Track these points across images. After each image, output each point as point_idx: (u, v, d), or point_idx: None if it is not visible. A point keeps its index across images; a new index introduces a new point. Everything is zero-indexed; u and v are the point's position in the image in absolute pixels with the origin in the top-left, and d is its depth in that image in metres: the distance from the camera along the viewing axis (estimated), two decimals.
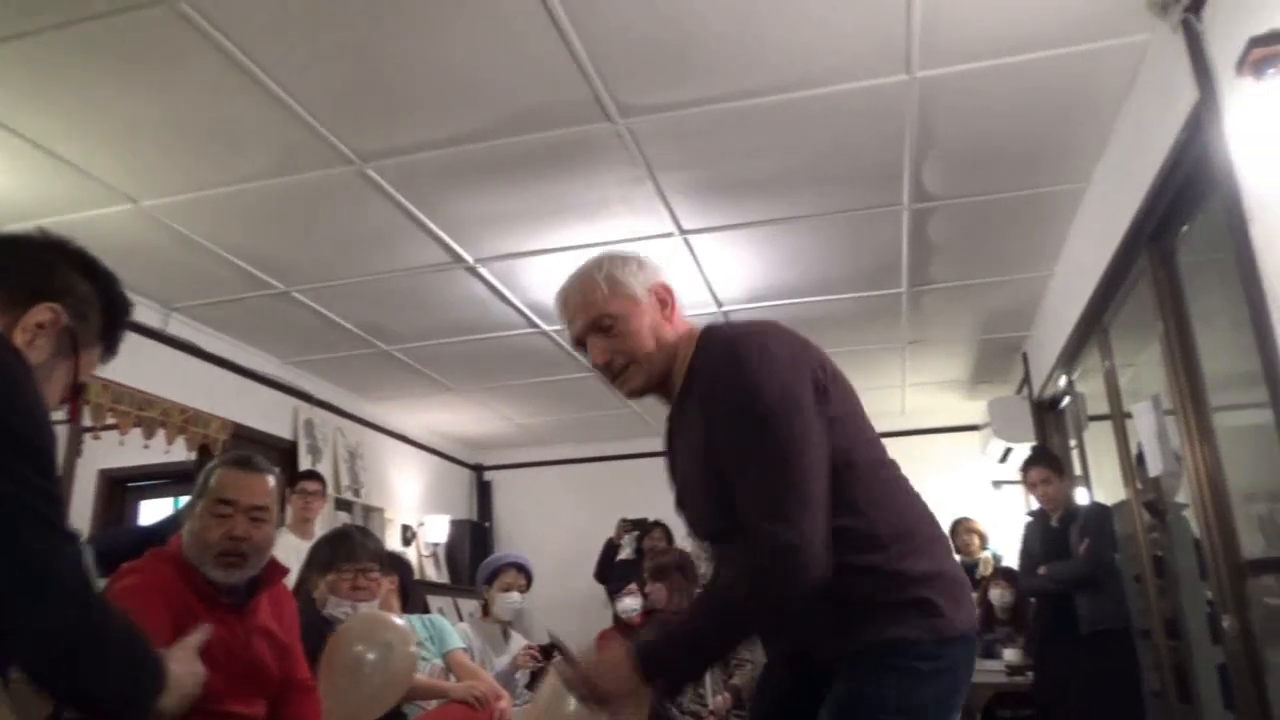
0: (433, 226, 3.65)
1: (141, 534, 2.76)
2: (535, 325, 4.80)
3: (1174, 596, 3.63)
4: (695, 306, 4.61)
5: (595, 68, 2.67)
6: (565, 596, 6.33)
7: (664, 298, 1.58)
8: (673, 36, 2.56)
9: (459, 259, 3.96)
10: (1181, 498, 3.42)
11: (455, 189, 3.38)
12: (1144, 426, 3.22)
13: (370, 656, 2.08)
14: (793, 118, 2.96)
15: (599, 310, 1.54)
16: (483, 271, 4.11)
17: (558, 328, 4.81)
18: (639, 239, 3.82)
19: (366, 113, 2.88)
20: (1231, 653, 2.68)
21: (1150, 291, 3.08)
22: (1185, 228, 2.87)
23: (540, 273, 4.16)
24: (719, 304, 4.58)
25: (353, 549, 2.65)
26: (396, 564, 3.49)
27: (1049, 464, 4.13)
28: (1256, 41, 1.50)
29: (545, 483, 7.58)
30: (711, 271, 4.18)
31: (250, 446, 4.98)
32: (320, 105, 2.82)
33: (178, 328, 4.49)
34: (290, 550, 4.38)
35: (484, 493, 7.80)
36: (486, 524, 7.56)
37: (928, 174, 3.34)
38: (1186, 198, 2.67)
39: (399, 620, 2.57)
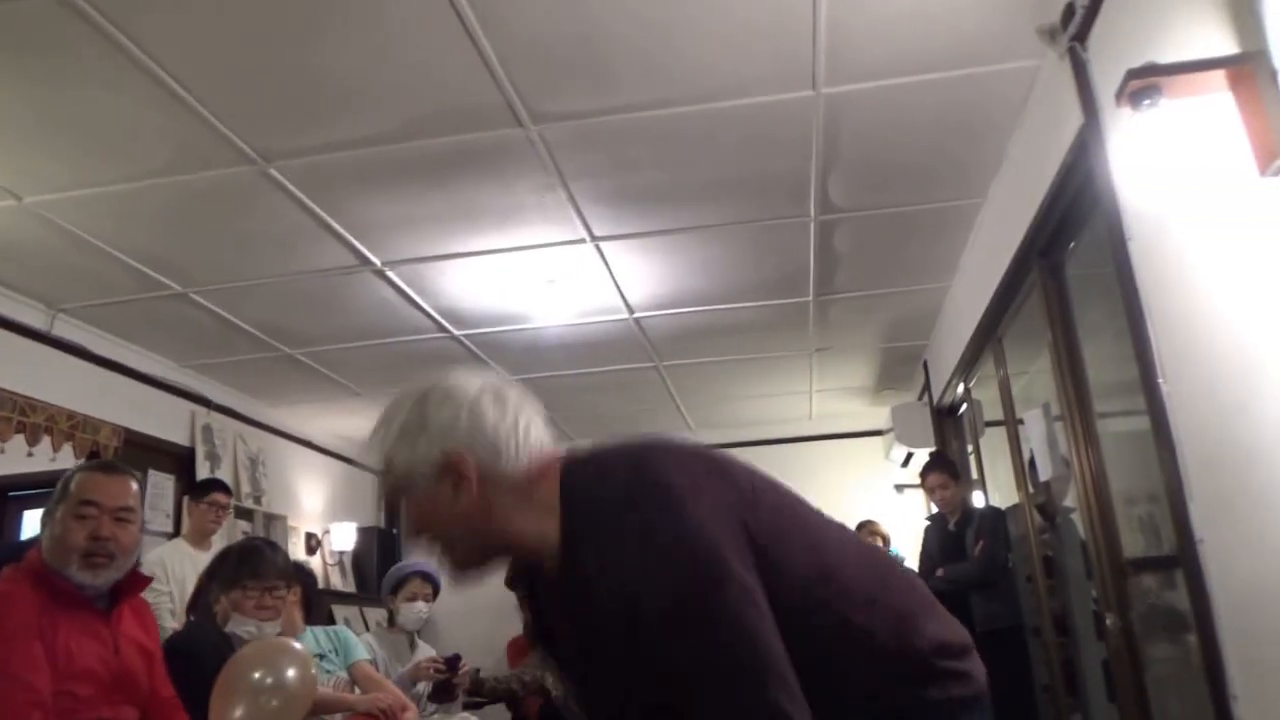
0: (339, 228, 3.57)
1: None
2: (445, 330, 4.73)
3: (1063, 595, 3.80)
4: (606, 312, 4.63)
5: (506, 73, 2.65)
6: (473, 604, 6.24)
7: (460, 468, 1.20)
8: (585, 45, 2.56)
9: (366, 262, 3.89)
10: (1070, 501, 3.59)
11: (363, 191, 3.31)
12: (1034, 433, 3.37)
13: (268, 682, 2.03)
14: (703, 129, 3.00)
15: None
16: (391, 275, 4.04)
17: (469, 332, 4.77)
18: (550, 244, 3.82)
19: (270, 112, 2.80)
20: (1114, 648, 2.82)
21: (1041, 304, 3.23)
22: (1073, 245, 3.01)
23: (451, 277, 4.12)
24: (630, 309, 4.60)
25: (261, 566, 2.55)
26: (300, 575, 3.40)
27: (945, 469, 4.28)
28: (1133, 74, 1.58)
29: None
30: (623, 277, 4.19)
31: (144, 453, 4.79)
32: (220, 102, 2.73)
33: (64, 329, 4.27)
34: (186, 561, 4.23)
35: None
36: (394, 531, 7.40)
37: (833, 186, 3.42)
38: (1074, 216, 2.80)
39: (296, 643, 2.49)
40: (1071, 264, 3.12)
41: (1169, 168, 1.78)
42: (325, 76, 2.64)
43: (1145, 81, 1.56)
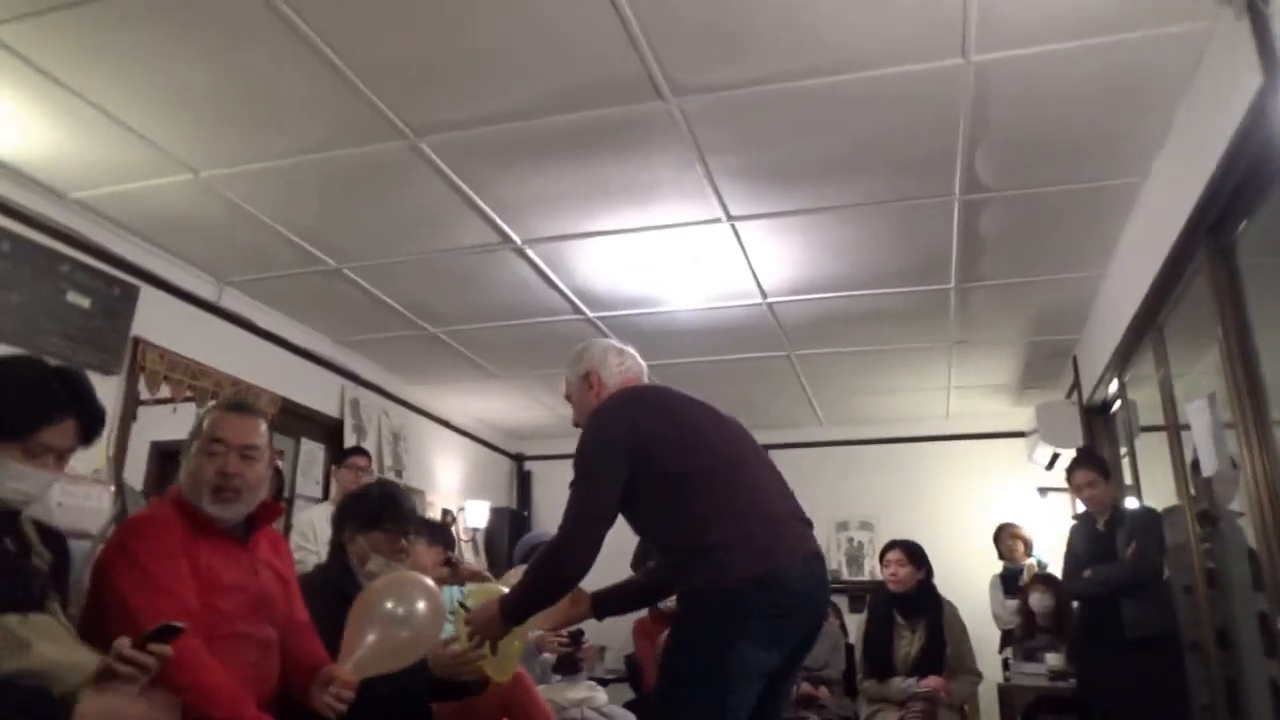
0: (482, 205, 3.68)
1: None
2: (580, 311, 4.82)
3: (1226, 607, 3.53)
4: (739, 297, 4.61)
5: (649, 44, 2.68)
6: (599, 585, 6.32)
7: (592, 381, 2.42)
8: (727, 14, 2.56)
9: (507, 239, 4.00)
10: (1236, 506, 3.34)
11: (506, 166, 3.41)
12: (1198, 425, 3.15)
13: (399, 613, 2.12)
14: (844, 101, 2.95)
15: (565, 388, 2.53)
16: (530, 253, 4.15)
17: (603, 314, 4.84)
18: (687, 224, 3.83)
19: (420, 85, 2.92)
20: None
21: (1208, 288, 3.01)
22: (1245, 223, 2.80)
23: (587, 257, 4.19)
24: (764, 294, 4.56)
25: (400, 510, 2.66)
26: (443, 536, 3.54)
27: (1094, 465, 4.05)
28: None
29: None
30: (758, 260, 4.16)
31: (298, 422, 5.09)
32: (375, 76, 2.87)
33: (231, 301, 4.59)
34: (327, 522, 4.46)
35: (524, 483, 7.85)
36: (525, 513, 7.61)
37: (980, 163, 3.30)
38: (1249, 189, 2.61)
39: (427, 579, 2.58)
40: (1244, 246, 2.90)
41: None
42: (474, 49, 2.73)
43: None
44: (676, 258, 4.17)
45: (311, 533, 4.39)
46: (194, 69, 2.84)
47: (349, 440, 5.38)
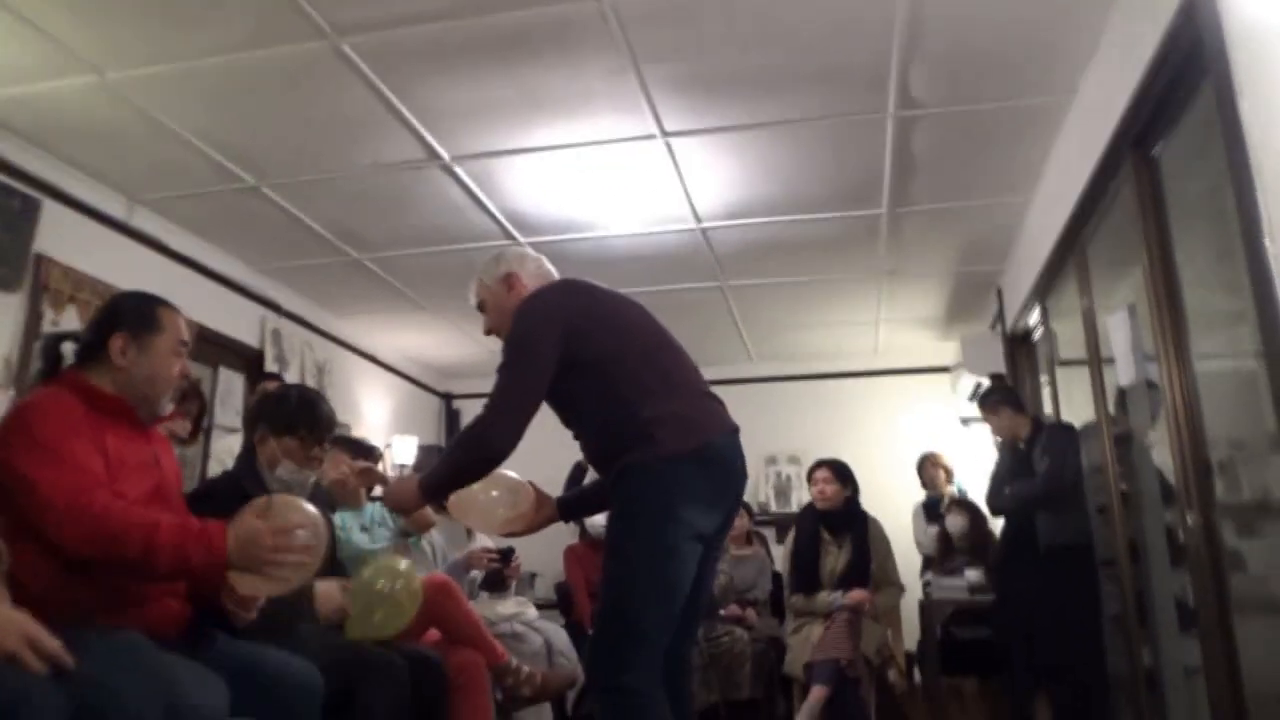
0: (408, 115, 3.55)
1: None
2: (511, 236, 4.72)
3: (1139, 522, 3.66)
4: (673, 221, 4.57)
5: None
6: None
7: (512, 282, 2.44)
8: None
9: (435, 155, 3.88)
10: (1152, 436, 3.44)
11: (432, 72, 3.28)
12: (1118, 337, 3.23)
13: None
14: (781, 6, 2.90)
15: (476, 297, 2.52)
16: (458, 171, 4.03)
17: (534, 239, 4.75)
18: (620, 140, 3.76)
19: None
20: (1192, 549, 2.71)
21: (1132, 203, 3.06)
22: (1170, 134, 2.84)
23: (517, 175, 4.09)
24: (698, 218, 4.53)
25: (319, 417, 2.58)
26: (367, 451, 3.46)
27: (994, 398, 4.20)
28: None
29: None
30: (691, 180, 4.12)
31: (216, 349, 4.91)
32: None
33: (142, 220, 4.37)
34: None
35: (452, 422, 7.75)
36: None
37: (914, 78, 3.30)
38: (1175, 95, 2.64)
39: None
40: (1168, 159, 2.94)
41: None
42: None
43: None
44: (609, 177, 4.10)
45: (231, 461, 4.25)
46: None
47: (270, 371, 5.22)
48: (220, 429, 4.90)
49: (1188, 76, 2.50)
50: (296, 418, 2.50)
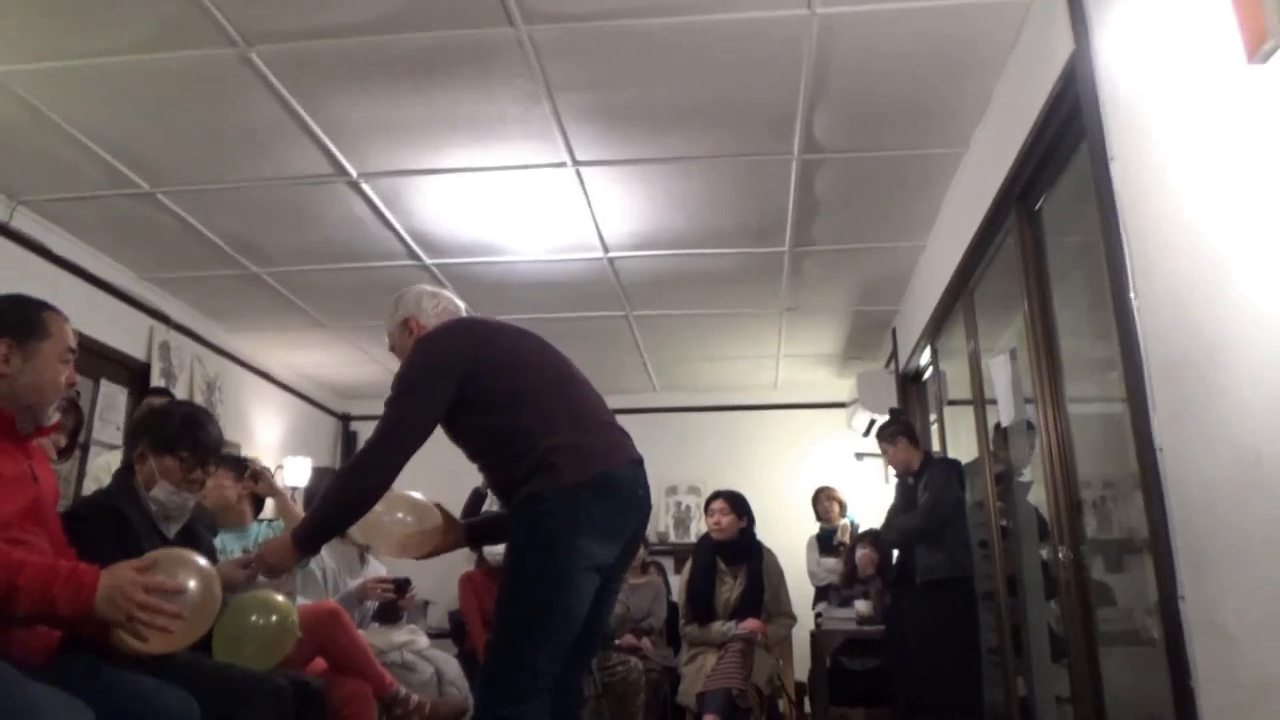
0: (316, 129, 3.50)
1: None
2: (416, 256, 4.68)
3: (1016, 556, 3.83)
4: (582, 249, 4.60)
5: None
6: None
7: (411, 326, 2.46)
8: None
9: (342, 171, 3.82)
10: (1030, 474, 3.62)
11: (343, 88, 3.24)
12: (999, 379, 3.40)
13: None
14: (695, 43, 2.98)
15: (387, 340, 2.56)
16: (365, 188, 3.98)
17: (440, 260, 4.72)
18: (531, 166, 3.78)
19: None
20: (1063, 583, 2.85)
21: (1016, 253, 3.24)
22: (1050, 190, 3.03)
23: (426, 196, 4.06)
24: (605, 247, 4.57)
25: (204, 439, 2.45)
26: (251, 471, 3.36)
27: (883, 435, 4.35)
28: None
29: None
30: (600, 210, 4.16)
31: (98, 361, 4.68)
32: None
33: (23, 222, 4.16)
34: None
35: (349, 443, 7.57)
36: None
37: (819, 122, 3.42)
38: (1056, 154, 2.82)
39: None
40: (1048, 212, 3.13)
41: (1153, 64, 1.79)
42: None
43: None
44: (519, 202, 4.11)
45: (108, 479, 4.05)
46: None
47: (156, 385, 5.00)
48: (99, 445, 4.67)
49: (1067, 138, 2.67)
50: (179, 436, 2.37)
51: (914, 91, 3.21)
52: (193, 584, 1.91)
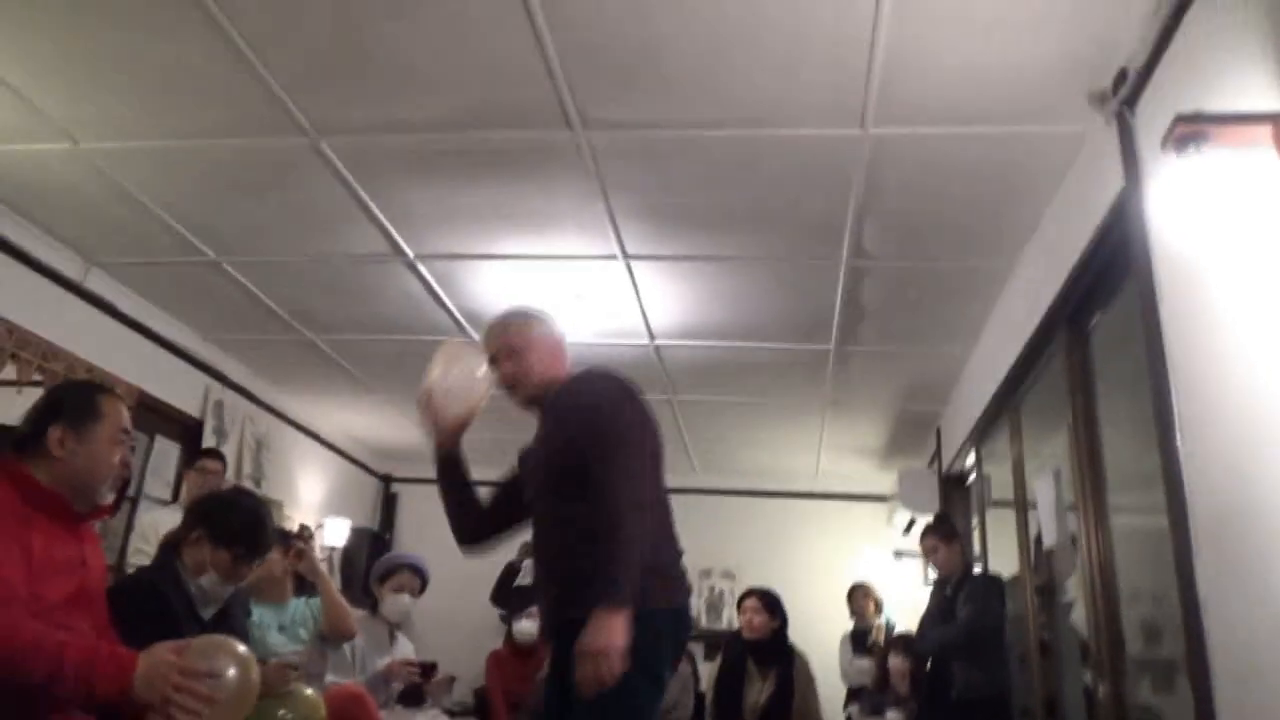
0: (378, 213, 3.62)
1: None
2: (466, 333, 4.76)
3: (1056, 676, 3.72)
4: (628, 335, 4.66)
5: (564, 72, 2.71)
6: (457, 617, 6.20)
7: (559, 350, 2.38)
8: (643, 54, 2.62)
9: (400, 252, 3.94)
10: (1071, 593, 3.53)
11: (406, 178, 3.36)
12: (1043, 498, 3.34)
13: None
14: (748, 155, 3.05)
15: (499, 344, 2.34)
16: (421, 268, 4.09)
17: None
18: (583, 257, 3.86)
19: (328, 83, 2.85)
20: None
21: (1063, 372, 3.22)
22: (1100, 314, 3.01)
23: (478, 279, 4.16)
24: (651, 335, 4.62)
25: (262, 543, 2.49)
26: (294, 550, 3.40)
27: (938, 531, 4.26)
28: (1182, 118, 1.61)
29: None
30: (648, 300, 4.22)
31: (154, 417, 4.82)
32: (283, 68, 2.79)
33: (97, 283, 4.34)
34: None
35: (389, 504, 7.64)
36: (387, 536, 7.40)
37: (868, 232, 3.46)
38: (1106, 282, 2.81)
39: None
40: (1097, 335, 3.12)
41: (1206, 221, 1.79)
42: (388, 53, 2.69)
43: (1193, 128, 1.58)
44: (568, 289, 4.18)
45: (155, 536, 4.13)
46: (90, 35, 2.69)
47: (208, 442, 5.13)
48: (149, 499, 4.78)
49: (1118, 266, 2.67)
50: (239, 535, 2.41)
51: (963, 211, 3.24)
52: (231, 671, 1.91)
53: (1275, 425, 1.72)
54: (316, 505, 6.57)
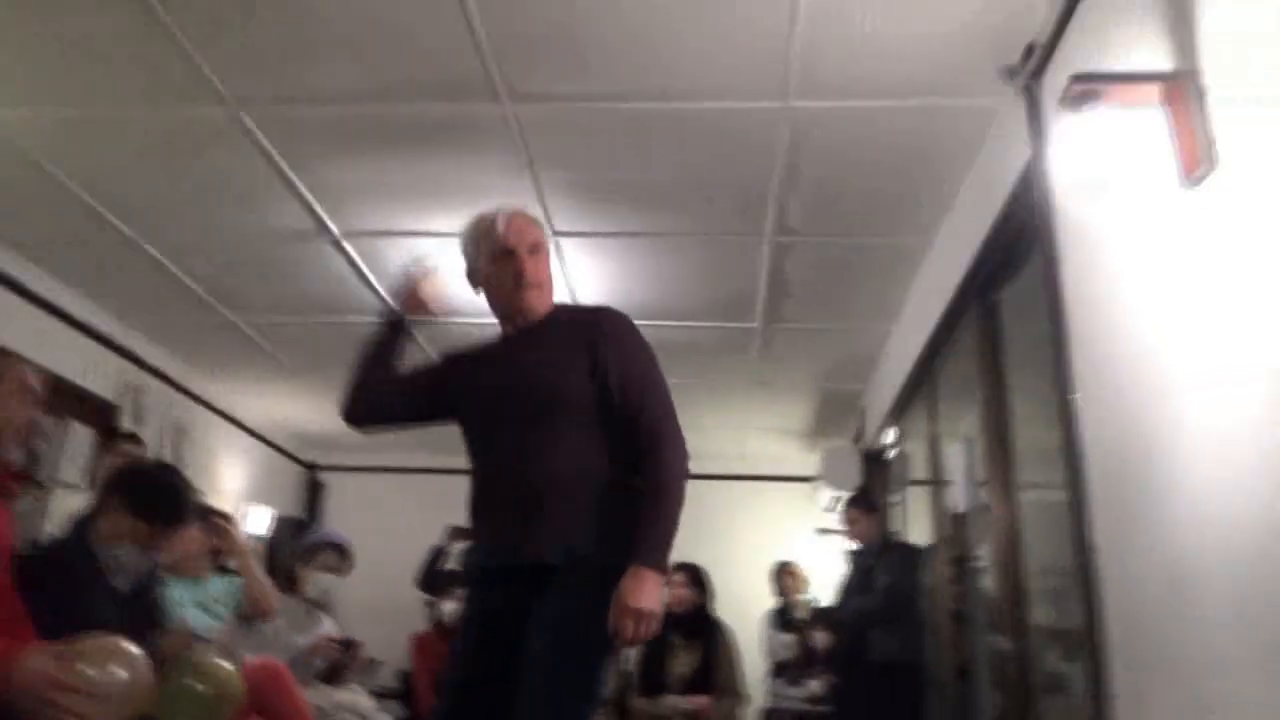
0: (301, 188, 3.57)
1: None
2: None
3: (968, 643, 3.86)
4: None
5: (491, 46, 2.71)
6: (382, 603, 6.12)
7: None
8: (569, 28, 2.63)
9: (324, 228, 3.89)
10: (984, 560, 3.66)
11: (331, 151, 3.32)
12: (955, 466, 3.47)
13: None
14: (673, 128, 3.09)
15: (539, 238, 2.18)
16: (347, 246, 4.04)
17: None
18: None
19: (249, 52, 2.80)
20: (1007, 675, 2.88)
21: (974, 344, 3.35)
22: (1008, 287, 3.14)
23: (407, 256, 4.12)
24: None
25: (182, 511, 2.45)
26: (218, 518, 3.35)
27: (857, 503, 4.40)
28: (1077, 78, 1.70)
29: (382, 490, 7.37)
30: (575, 278, 4.24)
31: (68, 400, 4.67)
32: (202, 35, 2.74)
33: (3, 260, 4.18)
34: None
35: (315, 493, 7.52)
36: (314, 525, 7.27)
37: (792, 208, 3.53)
38: (1015, 252, 2.93)
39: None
40: (1007, 308, 3.24)
41: (1101, 180, 1.90)
42: (313, 22, 2.66)
43: (1087, 86, 1.68)
44: None
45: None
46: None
47: (125, 426, 4.98)
48: (60, 484, 4.63)
49: (1026, 237, 2.79)
50: (158, 505, 2.36)
51: (884, 185, 3.34)
52: (122, 674, 1.76)
53: (1166, 376, 1.82)
54: (239, 494, 6.43)
